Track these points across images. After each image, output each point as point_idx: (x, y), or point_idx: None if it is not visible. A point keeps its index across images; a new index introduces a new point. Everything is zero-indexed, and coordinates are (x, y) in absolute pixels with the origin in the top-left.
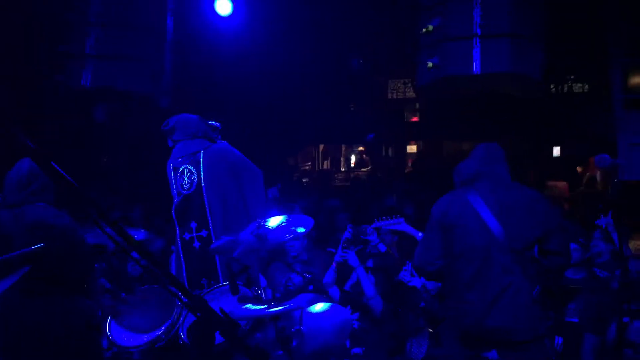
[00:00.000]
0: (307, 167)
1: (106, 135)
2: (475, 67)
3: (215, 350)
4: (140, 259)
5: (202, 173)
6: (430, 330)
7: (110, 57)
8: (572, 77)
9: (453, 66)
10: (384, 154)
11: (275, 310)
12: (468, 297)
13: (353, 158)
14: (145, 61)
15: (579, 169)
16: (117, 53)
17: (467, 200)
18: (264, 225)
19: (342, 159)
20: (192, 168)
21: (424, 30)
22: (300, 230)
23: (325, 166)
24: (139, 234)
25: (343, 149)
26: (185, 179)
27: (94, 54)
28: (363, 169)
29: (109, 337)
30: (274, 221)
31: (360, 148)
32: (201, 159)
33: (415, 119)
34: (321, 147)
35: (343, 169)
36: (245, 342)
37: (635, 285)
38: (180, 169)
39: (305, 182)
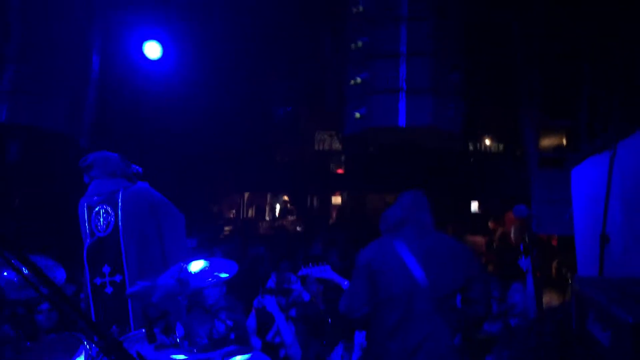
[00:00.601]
0: (232, 215)
1: (19, 174)
2: (401, 120)
3: None
4: (54, 300)
5: (119, 214)
6: None
7: (28, 93)
8: (488, 135)
9: (379, 118)
10: (309, 204)
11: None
12: (389, 346)
13: (278, 207)
14: (64, 99)
15: (491, 224)
16: (35, 89)
17: (392, 246)
18: (185, 269)
19: (267, 207)
20: (109, 209)
21: (352, 82)
22: (224, 275)
23: (250, 214)
24: (59, 273)
25: (268, 197)
26: (101, 220)
27: (10, 89)
28: (289, 217)
29: None
30: (196, 266)
31: (285, 197)
32: (119, 200)
33: (340, 170)
34: (246, 195)
35: (268, 218)
36: None
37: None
38: (96, 209)
39: (228, 230)
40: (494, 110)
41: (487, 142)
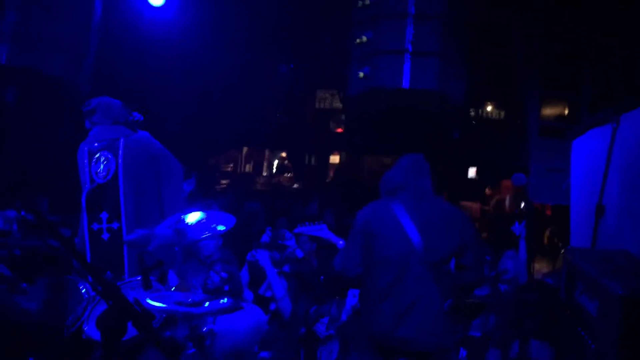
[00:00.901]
0: (229, 169)
1: (15, 118)
2: (405, 82)
3: (124, 345)
4: (51, 240)
5: (119, 162)
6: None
7: (30, 37)
8: (490, 102)
9: (383, 78)
10: (307, 162)
11: (192, 309)
12: (381, 307)
13: (276, 163)
14: (67, 44)
15: (487, 191)
16: (37, 33)
17: (390, 209)
18: (183, 220)
19: (265, 163)
20: (109, 155)
21: (357, 41)
22: (221, 228)
23: (247, 169)
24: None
25: (267, 153)
26: (102, 166)
27: (12, 32)
28: (285, 174)
29: None
30: (193, 217)
31: (283, 154)
32: (120, 147)
33: (340, 130)
34: (245, 150)
35: (265, 174)
36: (159, 335)
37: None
38: (96, 155)
39: (225, 183)
40: (497, 77)
41: (489, 109)
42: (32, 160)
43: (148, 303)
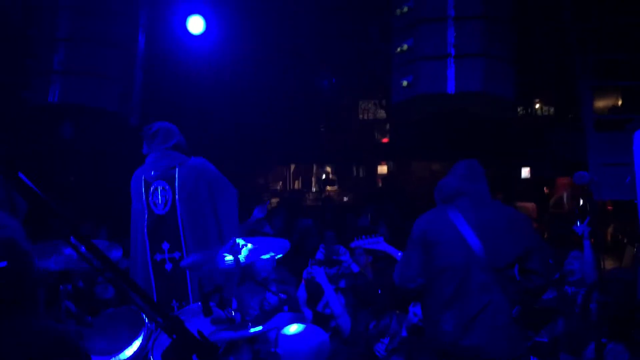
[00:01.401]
0: (278, 187)
1: (73, 154)
2: (450, 86)
3: None
4: (113, 279)
5: (176, 192)
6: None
7: (79, 73)
8: (538, 99)
9: (427, 85)
10: (355, 174)
11: (253, 332)
12: (445, 316)
13: (317, 178)
14: (115, 78)
15: (546, 189)
16: (86, 69)
17: (448, 217)
18: (238, 246)
19: (313, 178)
20: (166, 186)
21: (398, 49)
22: (272, 254)
23: (296, 186)
24: (115, 252)
25: (314, 168)
26: (160, 197)
27: (62, 69)
28: (329, 187)
29: None
30: (249, 241)
31: (328, 168)
32: (176, 177)
33: (385, 139)
34: (292, 167)
35: (314, 189)
36: None
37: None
38: (153, 186)
39: (275, 202)
40: (544, 72)
41: (537, 105)
42: (89, 191)
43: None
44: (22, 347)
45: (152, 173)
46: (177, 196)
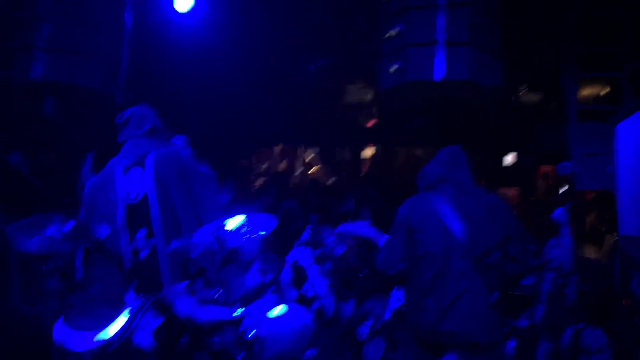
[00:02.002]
0: (263, 169)
1: (55, 132)
2: (437, 74)
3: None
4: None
5: (149, 179)
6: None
7: (63, 51)
8: (523, 87)
9: (415, 71)
10: (339, 157)
11: (237, 314)
12: (425, 302)
13: (308, 160)
14: (100, 56)
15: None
16: (71, 47)
17: (430, 203)
18: (223, 226)
19: (298, 160)
20: (140, 173)
21: (386, 35)
22: (262, 233)
23: (281, 168)
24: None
25: (299, 150)
26: (133, 186)
27: (45, 47)
28: (315, 170)
29: (55, 341)
30: (233, 223)
31: (310, 151)
32: (148, 163)
33: (371, 124)
34: (278, 148)
35: (299, 171)
36: (212, 346)
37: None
38: (128, 174)
39: (260, 182)
40: (530, 60)
41: (522, 93)
42: (71, 172)
43: (198, 313)
44: None
45: (127, 161)
46: (149, 183)
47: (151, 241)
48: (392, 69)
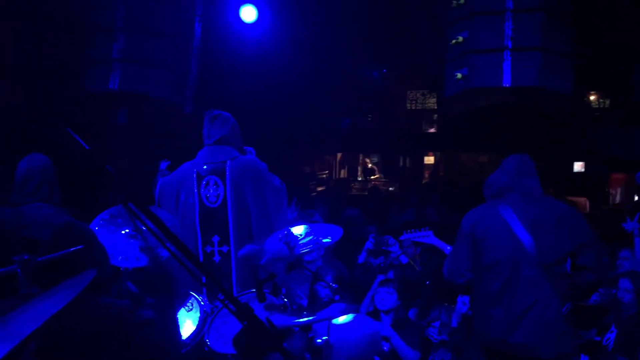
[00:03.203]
0: (325, 176)
1: (128, 140)
2: (505, 80)
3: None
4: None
5: (227, 187)
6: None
7: (138, 61)
8: (593, 91)
9: (482, 78)
10: (401, 164)
11: (308, 320)
12: (494, 312)
13: (369, 167)
14: (171, 67)
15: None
16: (144, 58)
17: (497, 212)
18: (291, 233)
19: (359, 168)
20: (217, 180)
21: (453, 42)
22: (327, 240)
23: (342, 175)
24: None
25: (360, 158)
26: (211, 191)
27: (121, 57)
28: (374, 177)
29: None
30: (298, 230)
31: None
32: (227, 172)
33: (433, 130)
34: (339, 155)
35: (360, 178)
36: (292, 354)
37: None
38: (205, 179)
39: (321, 190)
40: (600, 63)
41: (592, 98)
42: (143, 180)
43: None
44: (84, 321)
45: (205, 167)
46: (228, 191)
47: (224, 246)
48: (458, 75)
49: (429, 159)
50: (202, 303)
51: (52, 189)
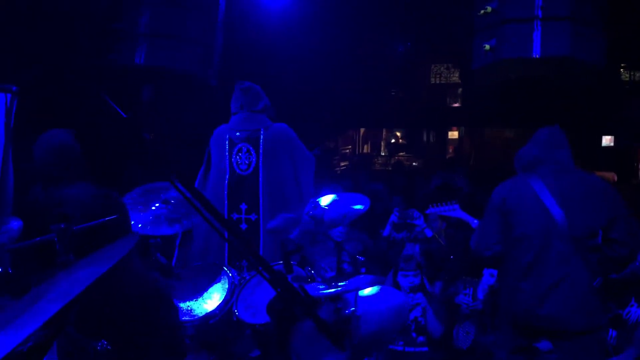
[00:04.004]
0: (348, 151)
1: (153, 114)
2: (535, 50)
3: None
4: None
5: (260, 155)
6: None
7: (164, 35)
8: (623, 63)
9: (511, 49)
10: (425, 139)
11: (336, 290)
12: (523, 285)
13: (393, 142)
14: (197, 40)
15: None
16: (170, 32)
17: (528, 185)
18: (319, 205)
19: (382, 143)
20: (250, 147)
21: (481, 12)
22: (359, 207)
23: (365, 150)
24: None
25: (384, 133)
26: (243, 158)
27: (148, 32)
28: (400, 153)
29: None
30: (326, 200)
31: (398, 133)
32: (261, 140)
33: (457, 104)
34: (362, 131)
35: (383, 153)
36: (325, 321)
37: None
38: (238, 146)
39: (344, 165)
40: (630, 36)
41: (621, 71)
42: (167, 154)
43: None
44: (124, 289)
45: (238, 134)
46: (260, 159)
47: (253, 214)
48: (487, 47)
49: (453, 134)
50: (229, 274)
51: (77, 164)
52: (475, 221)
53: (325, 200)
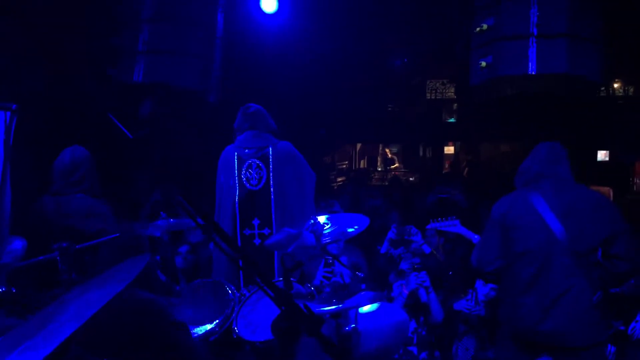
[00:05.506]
0: (344, 166)
1: (150, 131)
2: (532, 67)
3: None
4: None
5: (271, 171)
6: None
7: (163, 52)
8: (616, 79)
9: (508, 66)
10: (421, 154)
11: (337, 308)
12: (524, 300)
13: (389, 157)
14: (195, 56)
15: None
16: (170, 48)
17: (528, 200)
18: (318, 222)
19: (379, 158)
20: (260, 163)
21: (477, 29)
22: (352, 230)
23: (362, 165)
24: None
25: (380, 148)
26: (253, 174)
27: (147, 49)
28: (393, 167)
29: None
30: (321, 219)
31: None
32: (270, 156)
33: (452, 119)
34: (358, 146)
35: (380, 168)
36: (329, 339)
37: None
38: (248, 162)
39: (341, 180)
40: (625, 51)
41: (616, 85)
42: (168, 169)
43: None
44: (113, 312)
45: (247, 151)
46: (271, 174)
47: (266, 229)
48: (483, 64)
49: (449, 149)
50: (229, 291)
51: (93, 181)
52: (476, 237)
53: (323, 219)
